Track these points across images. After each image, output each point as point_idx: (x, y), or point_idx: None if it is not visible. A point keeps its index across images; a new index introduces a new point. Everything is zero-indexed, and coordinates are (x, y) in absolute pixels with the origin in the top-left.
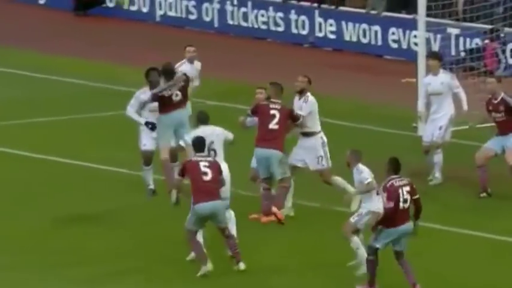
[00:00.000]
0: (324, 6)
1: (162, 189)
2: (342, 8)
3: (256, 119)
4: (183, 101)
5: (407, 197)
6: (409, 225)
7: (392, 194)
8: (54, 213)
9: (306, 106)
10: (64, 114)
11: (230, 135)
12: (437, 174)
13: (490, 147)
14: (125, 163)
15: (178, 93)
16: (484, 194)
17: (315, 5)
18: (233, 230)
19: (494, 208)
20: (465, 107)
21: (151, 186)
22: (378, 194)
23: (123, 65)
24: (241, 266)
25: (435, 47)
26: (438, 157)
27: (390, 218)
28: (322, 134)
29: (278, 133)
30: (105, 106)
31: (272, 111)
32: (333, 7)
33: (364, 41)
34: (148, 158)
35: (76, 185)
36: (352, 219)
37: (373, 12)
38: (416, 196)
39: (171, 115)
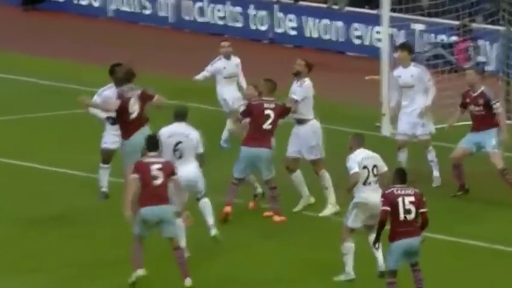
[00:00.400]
0: (283, 0)
1: (115, 192)
2: (302, 3)
3: (247, 120)
4: (141, 119)
5: (411, 207)
6: (414, 240)
7: (387, 200)
8: (7, 216)
9: (301, 90)
10: (14, 113)
11: (201, 149)
12: (436, 173)
13: (465, 146)
14: (76, 164)
15: (136, 107)
16: (461, 192)
17: None
18: (210, 220)
19: (464, 211)
20: (429, 102)
21: (105, 189)
22: (365, 184)
23: (75, 62)
24: (187, 282)
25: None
26: (431, 155)
27: (392, 230)
28: (315, 121)
29: (270, 132)
30: (57, 105)
31: (267, 111)
32: (293, 1)
33: (326, 37)
34: (107, 156)
35: (28, 187)
36: (344, 221)
37: (335, 7)
38: (423, 210)
39: (135, 139)
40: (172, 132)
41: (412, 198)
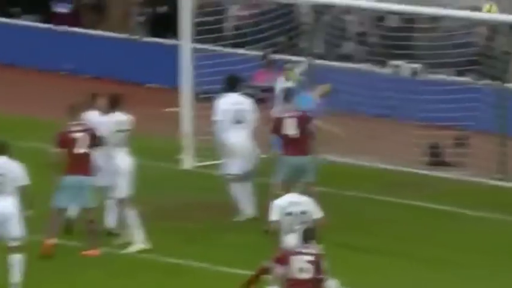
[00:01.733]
0: (80, 30)
1: None
2: (101, 33)
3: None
4: None
5: (307, 266)
6: None
7: (281, 256)
8: None
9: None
10: None
11: (22, 181)
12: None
13: None
14: None
15: None
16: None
17: (72, 29)
18: (16, 278)
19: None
20: None
21: None
22: (292, 232)
23: None
24: None
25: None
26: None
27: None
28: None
29: (87, 157)
30: None
31: (73, 135)
32: (90, 31)
33: (125, 67)
34: None
35: None
36: None
37: (134, 37)
38: (320, 276)
39: None
40: None
41: (311, 258)
